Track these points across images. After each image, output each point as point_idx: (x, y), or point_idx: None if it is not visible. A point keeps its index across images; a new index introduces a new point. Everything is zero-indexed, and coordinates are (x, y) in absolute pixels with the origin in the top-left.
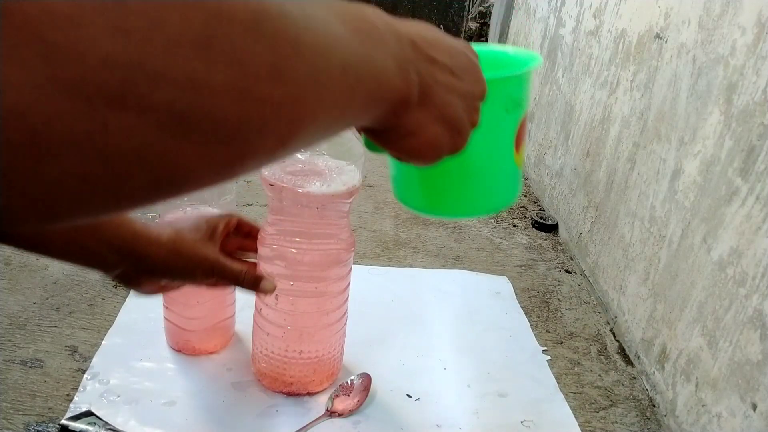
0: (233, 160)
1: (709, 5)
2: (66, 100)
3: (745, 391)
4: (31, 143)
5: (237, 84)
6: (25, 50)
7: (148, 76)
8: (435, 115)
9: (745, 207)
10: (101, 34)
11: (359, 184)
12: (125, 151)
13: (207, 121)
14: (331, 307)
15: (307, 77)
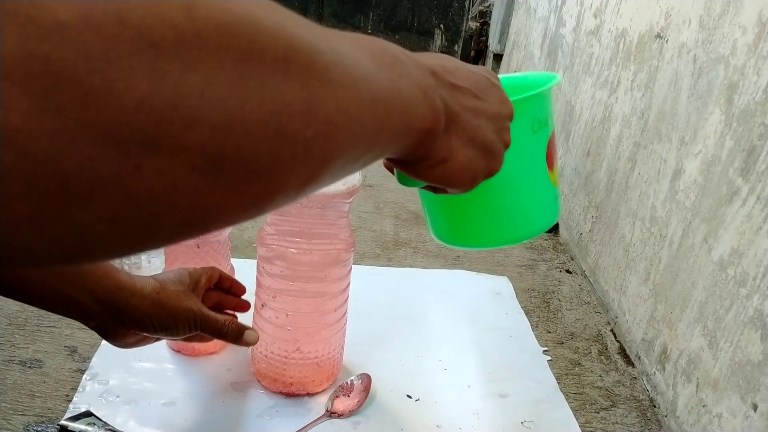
0: (262, 197)
1: (710, 5)
2: (100, 144)
3: (745, 392)
4: (62, 189)
5: (269, 122)
6: (62, 95)
7: (182, 118)
8: (465, 139)
9: (746, 207)
10: (137, 76)
11: (359, 184)
12: (156, 194)
13: (238, 160)
14: (331, 307)
15: (338, 113)
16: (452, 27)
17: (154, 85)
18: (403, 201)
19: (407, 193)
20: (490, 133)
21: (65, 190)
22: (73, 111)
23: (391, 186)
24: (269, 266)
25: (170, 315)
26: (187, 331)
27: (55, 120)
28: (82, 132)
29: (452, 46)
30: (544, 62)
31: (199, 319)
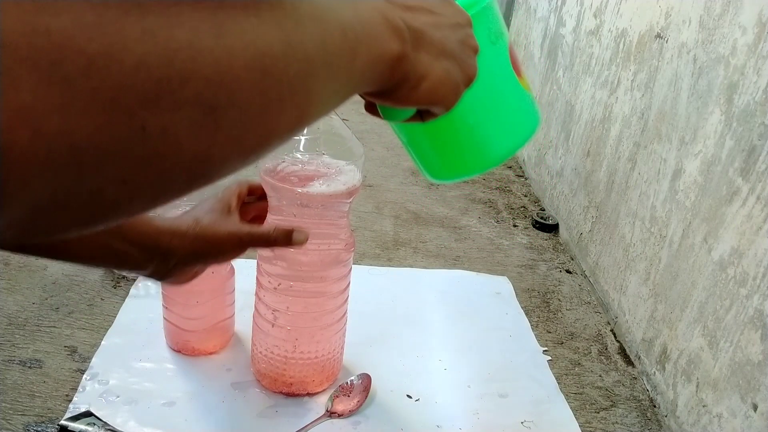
0: (258, 142)
1: (710, 5)
2: (107, 110)
3: (745, 392)
4: (75, 161)
5: (254, 66)
6: (68, 66)
7: (177, 72)
8: (435, 53)
9: (746, 207)
10: (131, 38)
11: (359, 184)
12: (162, 152)
13: (232, 108)
14: (331, 307)
15: (314, 47)
16: None
17: (147, 45)
18: (403, 201)
19: (407, 193)
20: (457, 42)
21: (79, 161)
22: (79, 81)
23: (391, 186)
24: (269, 266)
25: (215, 245)
26: (237, 252)
27: (63, 93)
28: (91, 100)
29: None
30: (544, 62)
31: (245, 237)
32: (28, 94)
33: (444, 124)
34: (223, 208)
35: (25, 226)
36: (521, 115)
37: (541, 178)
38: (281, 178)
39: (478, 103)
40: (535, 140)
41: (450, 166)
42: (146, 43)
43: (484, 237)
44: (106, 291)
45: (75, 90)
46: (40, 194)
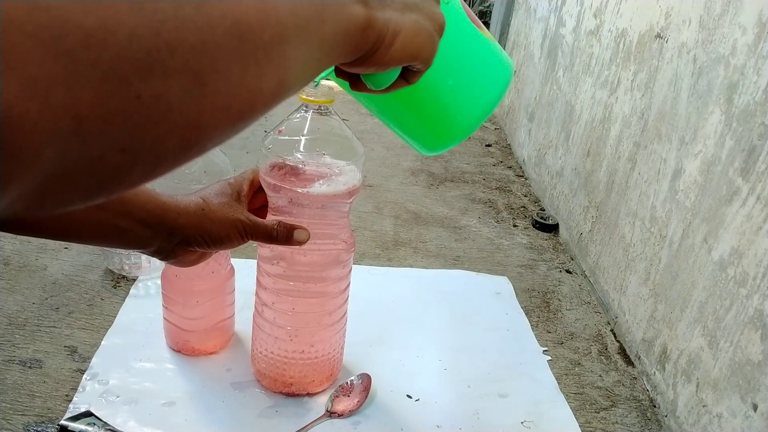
0: (243, 107)
1: (710, 5)
2: (106, 81)
3: (745, 392)
4: (79, 130)
5: (232, 33)
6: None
7: (166, 42)
8: (400, 8)
9: (746, 207)
10: (121, 11)
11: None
12: (156, 119)
13: (215, 74)
14: (331, 307)
15: (286, 13)
16: None
17: (137, 18)
18: (403, 201)
19: (407, 193)
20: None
21: (82, 130)
22: (81, 53)
23: (391, 186)
24: (269, 266)
25: (220, 228)
26: (239, 240)
27: (67, 65)
28: (91, 72)
29: None
30: (544, 62)
31: (249, 228)
32: (36, 68)
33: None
34: (233, 194)
35: (35, 198)
36: (494, 64)
37: (541, 178)
38: (281, 178)
39: (453, 60)
40: (535, 140)
41: (441, 133)
42: (135, 16)
43: (484, 237)
44: (106, 291)
45: (77, 62)
46: (49, 164)
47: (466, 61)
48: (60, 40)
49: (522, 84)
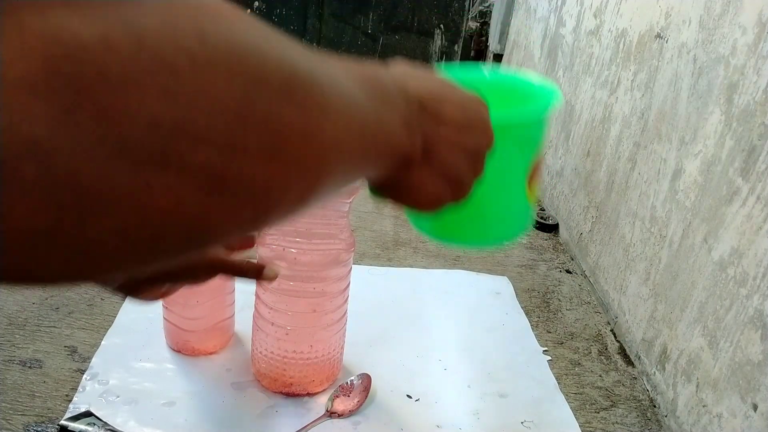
0: (258, 216)
1: (710, 5)
2: (114, 159)
3: (745, 392)
4: (78, 203)
5: (269, 146)
6: (81, 113)
7: (190, 138)
8: (437, 172)
9: (746, 207)
10: (151, 97)
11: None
12: (163, 210)
13: (238, 180)
14: (331, 307)
15: (331, 139)
16: (452, 27)
17: (165, 105)
18: None
19: None
20: (464, 167)
21: (81, 204)
22: (90, 126)
23: None
24: None
25: (188, 263)
26: (208, 276)
27: (74, 134)
28: (99, 146)
29: (452, 46)
30: (544, 62)
31: (217, 263)
32: (42, 128)
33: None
34: None
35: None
36: (505, 224)
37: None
38: None
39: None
40: None
41: (419, 221)
42: (164, 104)
43: None
44: (106, 291)
45: (85, 134)
46: (39, 233)
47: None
48: (72, 109)
49: None
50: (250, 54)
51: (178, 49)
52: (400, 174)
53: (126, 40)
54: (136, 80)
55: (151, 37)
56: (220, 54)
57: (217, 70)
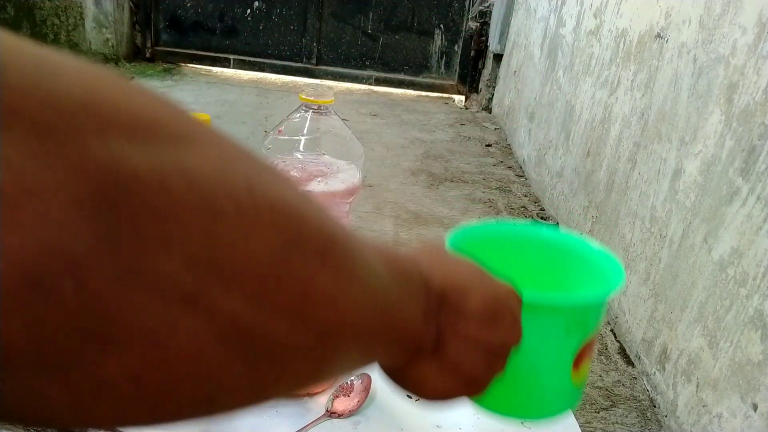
0: (270, 382)
1: (710, 5)
2: (146, 293)
3: (745, 392)
4: (102, 333)
5: (296, 305)
6: (123, 240)
7: (224, 283)
8: (447, 367)
9: (746, 207)
10: (193, 236)
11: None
12: (182, 357)
13: (259, 336)
14: None
15: (354, 312)
16: (452, 27)
17: (205, 246)
18: (403, 201)
19: (407, 193)
20: (480, 364)
21: (105, 334)
22: (129, 254)
23: (391, 186)
24: None
25: None
26: None
27: (112, 259)
28: (133, 276)
29: (452, 46)
30: (545, 62)
31: None
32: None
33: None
34: None
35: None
36: (547, 403)
37: (541, 178)
38: None
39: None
40: (535, 140)
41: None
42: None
43: None
44: None
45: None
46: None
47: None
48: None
49: (522, 84)
50: (293, 211)
51: (226, 195)
52: (408, 363)
53: (179, 179)
54: (182, 218)
55: (202, 179)
56: (265, 206)
57: (261, 221)
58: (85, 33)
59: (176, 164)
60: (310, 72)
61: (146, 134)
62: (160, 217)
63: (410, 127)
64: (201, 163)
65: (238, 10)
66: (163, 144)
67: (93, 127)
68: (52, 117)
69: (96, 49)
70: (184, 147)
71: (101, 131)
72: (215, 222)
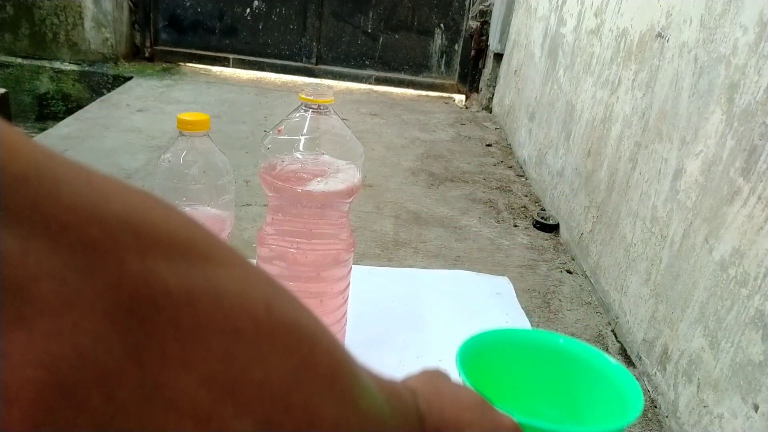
0: None
1: (711, 4)
2: (163, 408)
3: (746, 392)
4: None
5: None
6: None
7: (236, 405)
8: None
9: (747, 207)
10: (212, 355)
11: (359, 183)
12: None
13: None
14: (330, 307)
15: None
16: (452, 26)
17: (223, 367)
18: (403, 201)
19: (407, 193)
20: None
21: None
22: (153, 371)
23: (391, 186)
24: (269, 266)
25: None
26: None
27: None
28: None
29: (452, 45)
30: (545, 62)
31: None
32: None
33: None
34: None
35: None
36: None
37: (542, 177)
38: (281, 178)
39: None
40: (536, 140)
41: None
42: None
43: (485, 237)
44: None
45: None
46: None
47: None
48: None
49: (522, 83)
50: (306, 333)
51: (246, 315)
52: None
53: (206, 297)
54: (204, 336)
55: (227, 298)
56: (281, 328)
57: (276, 342)
58: (85, 32)
59: (204, 283)
60: (310, 71)
61: (179, 253)
62: (185, 333)
63: (410, 126)
64: (226, 284)
65: (237, 9)
66: (193, 263)
67: (132, 244)
68: (97, 233)
69: (95, 48)
70: (212, 267)
71: (139, 248)
72: (234, 341)
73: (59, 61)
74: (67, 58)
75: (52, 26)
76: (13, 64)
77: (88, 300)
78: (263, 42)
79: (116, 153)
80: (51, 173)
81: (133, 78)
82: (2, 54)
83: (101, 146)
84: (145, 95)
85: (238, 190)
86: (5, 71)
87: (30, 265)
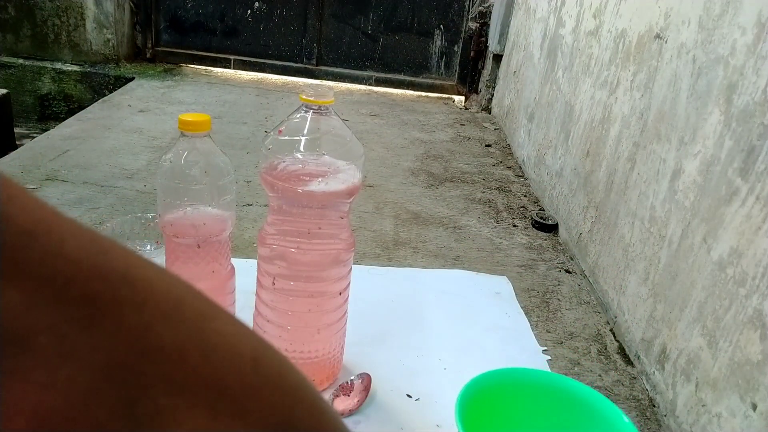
0: None
1: (709, 5)
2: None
3: (745, 391)
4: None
5: None
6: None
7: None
8: None
9: (745, 207)
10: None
11: (359, 184)
12: None
13: None
14: (331, 307)
15: None
16: (452, 27)
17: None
18: (403, 201)
19: (407, 193)
20: None
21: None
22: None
23: (391, 186)
24: (269, 266)
25: None
26: None
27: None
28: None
29: (452, 46)
30: (544, 63)
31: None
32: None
33: None
34: None
35: None
36: None
37: (541, 178)
38: (281, 178)
39: None
40: (535, 140)
41: None
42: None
43: (484, 237)
44: None
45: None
46: None
47: None
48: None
49: (521, 84)
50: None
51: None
52: None
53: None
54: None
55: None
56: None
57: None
58: (86, 33)
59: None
60: (311, 72)
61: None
62: (176, 388)
63: (410, 127)
64: (216, 338)
65: (238, 10)
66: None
67: (130, 298)
68: (99, 287)
69: (97, 49)
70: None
71: (136, 302)
72: (220, 397)
73: (61, 62)
74: (68, 58)
75: (53, 27)
76: (15, 65)
77: (86, 354)
78: (264, 43)
79: (118, 153)
80: (57, 229)
81: (134, 79)
82: (4, 55)
83: (103, 147)
84: (147, 96)
85: (239, 190)
86: (7, 72)
87: (32, 319)
